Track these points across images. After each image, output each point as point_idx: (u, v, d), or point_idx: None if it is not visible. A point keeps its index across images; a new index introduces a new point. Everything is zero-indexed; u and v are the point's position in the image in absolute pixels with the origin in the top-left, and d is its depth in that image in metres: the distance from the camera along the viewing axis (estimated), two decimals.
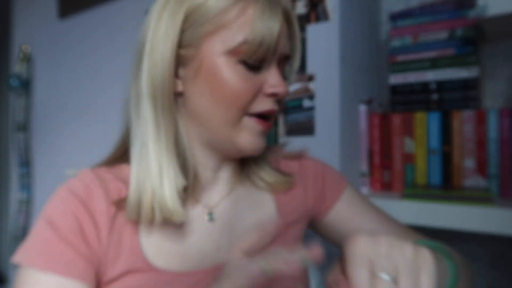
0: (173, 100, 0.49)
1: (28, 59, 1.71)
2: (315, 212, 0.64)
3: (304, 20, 0.89)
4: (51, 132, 1.61)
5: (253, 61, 0.48)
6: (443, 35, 0.89)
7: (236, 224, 0.56)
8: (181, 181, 0.48)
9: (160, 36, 0.48)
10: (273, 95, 0.50)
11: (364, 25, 0.99)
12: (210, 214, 0.55)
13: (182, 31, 0.48)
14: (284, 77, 0.55)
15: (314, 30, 0.88)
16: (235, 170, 0.59)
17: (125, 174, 0.53)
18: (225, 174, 0.58)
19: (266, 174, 0.59)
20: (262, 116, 0.51)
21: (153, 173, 0.47)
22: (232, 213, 0.56)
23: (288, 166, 0.64)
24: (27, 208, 1.70)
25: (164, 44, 0.48)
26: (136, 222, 0.50)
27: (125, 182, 0.52)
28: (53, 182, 1.60)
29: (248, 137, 0.50)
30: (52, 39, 1.60)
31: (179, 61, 0.49)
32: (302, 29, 0.89)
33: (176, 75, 0.50)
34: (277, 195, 0.61)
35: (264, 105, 0.50)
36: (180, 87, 0.50)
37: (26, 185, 1.71)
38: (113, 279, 0.47)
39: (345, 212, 0.63)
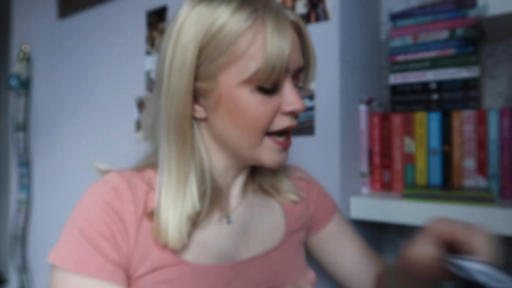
0: (189, 128, 0.52)
1: (27, 59, 1.71)
2: (311, 227, 0.71)
3: (304, 20, 0.89)
4: (50, 132, 1.61)
5: (269, 85, 0.50)
6: (443, 35, 0.89)
7: (250, 227, 0.61)
8: (195, 207, 0.52)
9: (174, 71, 0.50)
10: (291, 113, 0.53)
11: (364, 25, 0.99)
12: (228, 217, 0.60)
13: (198, 66, 0.50)
14: (299, 87, 0.56)
15: (314, 30, 0.88)
16: (248, 178, 0.64)
17: (150, 178, 0.56)
18: (240, 180, 0.62)
19: (281, 184, 0.65)
20: (281, 132, 0.54)
21: (164, 198, 0.51)
22: (247, 217, 0.62)
23: (298, 184, 0.71)
24: (27, 208, 1.70)
25: (180, 79, 0.50)
26: None
27: (151, 187, 0.54)
28: (52, 182, 1.60)
29: (270, 154, 0.54)
30: (52, 39, 1.60)
31: (198, 93, 0.52)
32: None
33: (197, 102, 0.53)
34: (284, 205, 0.67)
35: (284, 123, 0.53)
36: (202, 114, 0.53)
37: (26, 185, 1.71)
38: (144, 273, 0.51)
39: (334, 233, 0.71)
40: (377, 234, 1.06)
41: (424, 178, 0.89)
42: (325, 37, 0.86)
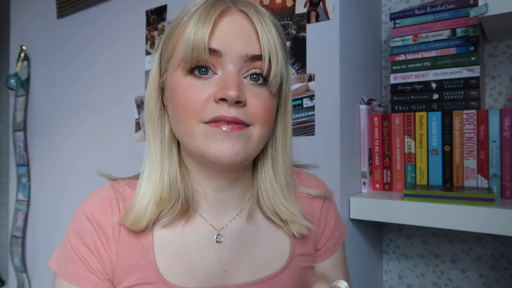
0: (161, 122, 0.55)
1: (26, 58, 1.70)
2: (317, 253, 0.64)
3: (304, 20, 0.89)
4: (48, 132, 1.61)
5: (194, 67, 0.49)
6: (443, 34, 0.89)
7: (245, 249, 0.56)
8: (164, 194, 0.53)
9: (152, 70, 0.55)
10: (222, 100, 0.47)
11: (364, 25, 0.99)
12: (218, 235, 0.55)
13: (159, 63, 0.54)
14: (257, 76, 0.50)
15: (314, 30, 0.87)
16: (245, 191, 0.58)
17: None
18: (232, 194, 0.57)
19: (286, 213, 0.56)
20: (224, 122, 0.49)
21: (141, 189, 0.54)
22: (242, 237, 0.56)
23: (309, 205, 0.62)
24: (27, 209, 1.70)
25: (151, 76, 0.55)
26: (150, 236, 0.54)
27: None
28: (50, 183, 1.59)
29: (208, 143, 0.48)
30: (51, 39, 1.59)
31: (164, 89, 0.54)
32: (303, 29, 0.89)
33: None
34: None
35: (215, 111, 0.47)
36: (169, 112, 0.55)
37: (26, 185, 1.70)
38: (128, 287, 0.52)
39: (329, 268, 0.63)
40: (377, 234, 1.06)
41: (424, 178, 0.88)
42: (325, 37, 0.86)
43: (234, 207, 0.57)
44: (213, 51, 0.47)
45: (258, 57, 0.49)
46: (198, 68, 0.49)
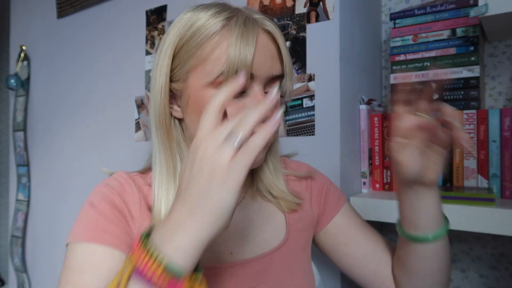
0: (170, 125, 0.57)
1: (26, 58, 1.70)
2: (317, 223, 0.69)
3: (304, 20, 0.89)
4: (48, 132, 1.61)
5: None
6: (443, 34, 0.89)
7: (247, 230, 0.61)
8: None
9: (157, 73, 0.55)
10: None
11: (364, 25, 0.99)
12: None
13: (173, 69, 0.54)
14: (281, 96, 0.56)
15: (314, 30, 0.87)
16: (247, 181, 0.63)
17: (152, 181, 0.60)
18: None
19: (276, 190, 0.63)
20: None
21: (156, 189, 0.55)
22: (244, 220, 0.61)
23: (298, 185, 0.69)
24: (27, 209, 1.70)
25: (160, 80, 0.55)
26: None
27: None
28: (50, 183, 1.59)
29: None
30: (51, 39, 1.59)
31: (175, 94, 0.56)
32: (303, 29, 0.89)
33: (176, 102, 0.57)
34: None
35: None
36: (180, 114, 0.57)
37: (26, 185, 1.70)
38: None
39: (342, 224, 0.69)
40: None
41: None
42: (325, 37, 0.86)
43: None
44: (251, 75, 0.50)
45: (279, 77, 0.54)
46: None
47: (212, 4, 0.54)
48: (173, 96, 0.56)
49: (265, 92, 0.53)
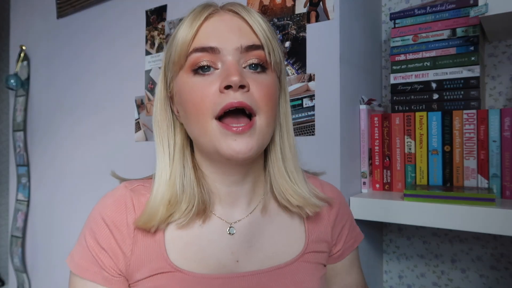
0: (171, 128, 0.58)
1: (26, 58, 1.70)
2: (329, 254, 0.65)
3: (304, 20, 0.88)
4: (47, 132, 1.60)
5: (199, 68, 0.52)
6: (443, 34, 0.89)
7: (256, 241, 0.58)
8: (174, 194, 0.55)
9: (158, 84, 0.59)
10: (226, 88, 0.50)
11: (364, 25, 0.99)
12: (230, 228, 0.57)
13: (165, 75, 0.57)
14: (255, 65, 0.53)
15: (314, 30, 0.87)
16: (258, 186, 0.60)
17: None
18: (243, 189, 0.59)
19: (296, 198, 0.58)
20: (233, 115, 0.51)
21: (152, 194, 0.56)
22: (254, 230, 0.58)
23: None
24: (27, 209, 1.70)
25: (159, 86, 0.58)
26: (161, 232, 0.56)
27: None
28: (50, 182, 1.59)
29: (223, 141, 0.50)
30: (51, 39, 1.59)
31: (173, 99, 0.58)
32: (303, 29, 0.89)
33: (176, 108, 0.58)
34: (308, 223, 0.62)
35: (222, 101, 0.50)
36: (180, 118, 0.58)
37: (26, 185, 1.70)
38: (141, 279, 0.55)
39: (342, 269, 0.67)
40: (377, 234, 1.06)
41: (424, 178, 0.88)
42: (325, 37, 0.86)
43: (246, 200, 0.59)
44: (209, 49, 0.51)
45: (253, 47, 0.52)
46: (200, 68, 0.52)
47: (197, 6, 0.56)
48: (173, 101, 0.58)
49: (246, 67, 0.52)
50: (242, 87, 0.49)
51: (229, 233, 0.57)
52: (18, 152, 1.76)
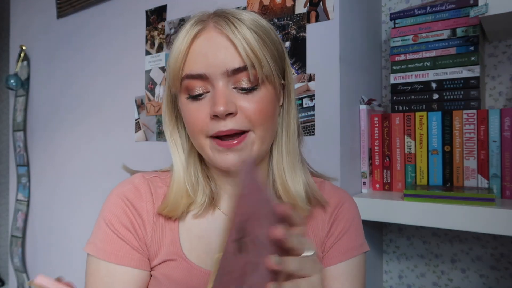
0: (177, 131, 0.62)
1: (26, 58, 1.70)
2: (321, 254, 0.62)
3: (304, 20, 0.88)
4: (48, 132, 1.60)
5: (190, 91, 0.54)
6: (443, 34, 0.89)
7: None
8: (194, 186, 0.59)
9: (165, 86, 0.61)
10: (215, 117, 0.52)
11: (364, 25, 0.99)
12: None
13: (169, 85, 0.58)
14: (244, 88, 0.53)
15: (314, 30, 0.87)
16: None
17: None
18: None
19: (291, 195, 0.59)
20: (224, 136, 0.53)
21: (173, 185, 0.60)
22: None
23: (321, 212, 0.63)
24: (27, 209, 1.70)
25: (166, 93, 0.61)
26: (176, 222, 0.59)
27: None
28: (50, 182, 1.59)
29: (216, 155, 0.54)
30: (50, 39, 1.59)
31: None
32: (303, 29, 0.88)
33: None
34: (309, 217, 0.61)
35: (213, 128, 0.53)
36: None
37: (26, 185, 1.70)
38: (155, 265, 0.57)
39: (340, 276, 0.61)
40: (377, 234, 1.06)
41: (424, 178, 0.88)
42: (325, 37, 0.86)
43: None
44: (198, 76, 0.53)
45: (239, 69, 0.52)
46: (194, 94, 0.54)
47: (192, 17, 0.57)
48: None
49: (235, 88, 0.53)
50: (229, 114, 0.52)
51: None
52: (18, 152, 1.76)
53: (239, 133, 0.53)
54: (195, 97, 0.54)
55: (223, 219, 0.61)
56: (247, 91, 0.53)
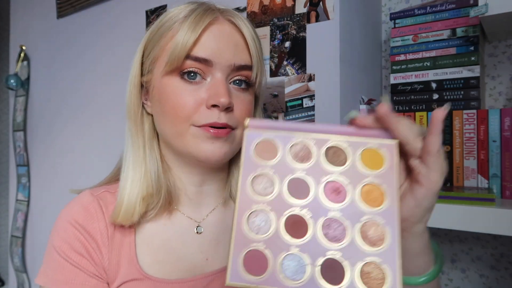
0: (141, 120, 0.57)
1: (26, 58, 1.70)
2: None
3: (304, 20, 0.89)
4: (48, 132, 1.60)
5: (187, 73, 0.51)
6: (443, 34, 0.89)
7: (223, 236, 0.59)
8: (149, 189, 0.54)
9: (132, 68, 0.57)
10: (213, 106, 0.51)
11: (365, 25, 0.99)
12: (198, 227, 0.58)
13: (142, 63, 0.56)
14: (241, 82, 0.54)
15: (314, 30, 0.87)
16: (222, 185, 0.62)
17: None
18: (211, 188, 0.61)
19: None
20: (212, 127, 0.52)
21: (126, 184, 0.54)
22: (220, 227, 0.60)
23: None
24: (27, 209, 1.70)
25: (132, 74, 0.57)
26: (132, 235, 0.55)
27: None
28: (50, 182, 1.59)
29: (198, 144, 0.51)
30: (51, 39, 1.59)
31: (147, 88, 0.56)
32: (303, 29, 0.89)
33: (147, 96, 0.57)
34: None
35: (207, 117, 0.51)
36: (151, 108, 0.57)
37: (26, 185, 1.70)
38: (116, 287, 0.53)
39: None
40: None
41: None
42: (325, 37, 0.86)
43: (213, 200, 0.61)
44: (204, 60, 0.51)
45: (244, 67, 0.53)
46: (188, 73, 0.52)
47: (193, 2, 0.55)
48: (146, 91, 0.57)
49: (231, 82, 0.53)
50: (227, 108, 0.51)
51: (197, 232, 0.58)
52: (18, 152, 1.76)
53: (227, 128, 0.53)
54: (189, 78, 0.51)
55: (187, 225, 0.58)
56: (243, 86, 0.54)
